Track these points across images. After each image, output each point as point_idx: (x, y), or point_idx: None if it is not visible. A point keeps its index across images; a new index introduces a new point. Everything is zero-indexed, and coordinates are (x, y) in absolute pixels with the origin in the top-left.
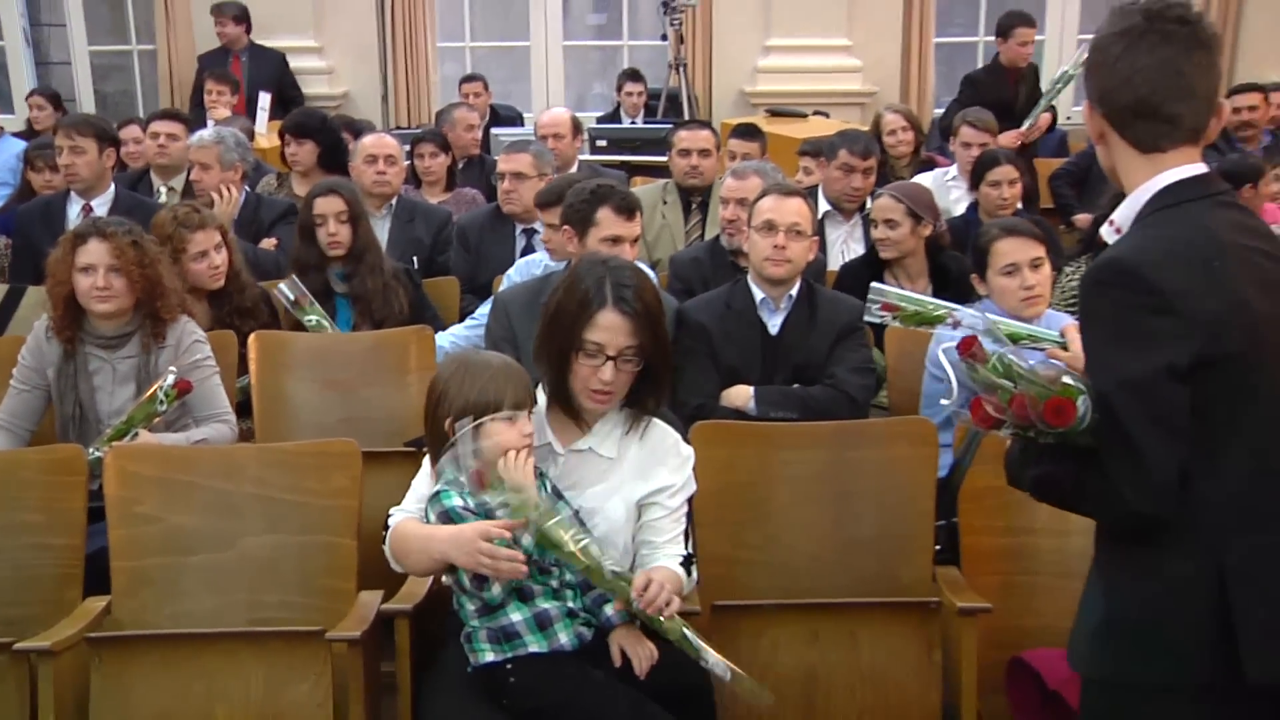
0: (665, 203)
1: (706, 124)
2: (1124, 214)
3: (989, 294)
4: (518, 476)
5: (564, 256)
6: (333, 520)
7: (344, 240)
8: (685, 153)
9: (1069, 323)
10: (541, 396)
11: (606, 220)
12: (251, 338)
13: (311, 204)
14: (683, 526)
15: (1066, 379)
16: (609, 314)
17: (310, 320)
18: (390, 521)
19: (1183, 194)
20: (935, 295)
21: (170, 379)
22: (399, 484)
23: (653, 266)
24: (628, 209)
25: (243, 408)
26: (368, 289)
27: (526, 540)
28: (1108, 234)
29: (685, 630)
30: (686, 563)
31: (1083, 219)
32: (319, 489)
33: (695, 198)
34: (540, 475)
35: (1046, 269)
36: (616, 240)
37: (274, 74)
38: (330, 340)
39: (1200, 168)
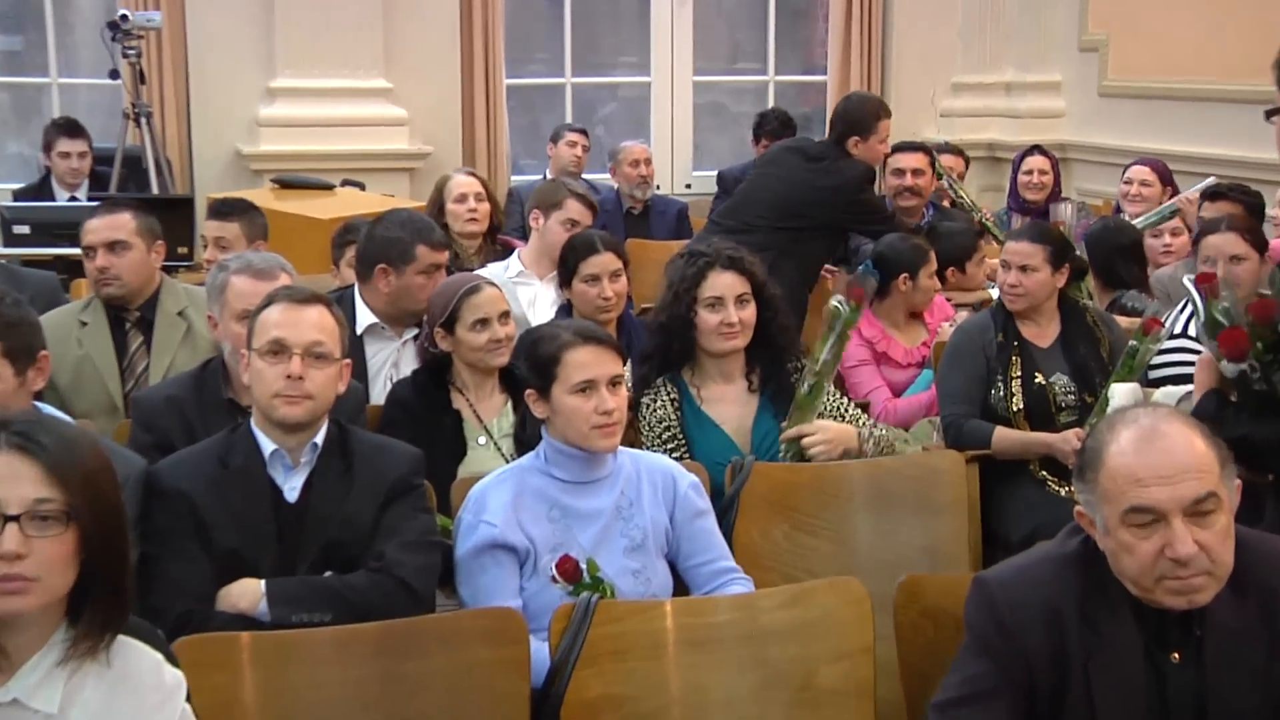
0: (84, 324)
1: (130, 202)
2: None
3: (548, 416)
4: None
5: None
6: None
7: None
8: (90, 250)
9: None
10: None
11: None
12: None
13: None
14: None
15: None
16: None
17: None
18: None
19: None
20: None
21: None
22: None
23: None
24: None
25: None
26: None
27: None
28: None
29: None
30: None
31: None
32: None
33: (127, 314)
34: None
35: (623, 391)
36: None
37: None
38: None
39: None
